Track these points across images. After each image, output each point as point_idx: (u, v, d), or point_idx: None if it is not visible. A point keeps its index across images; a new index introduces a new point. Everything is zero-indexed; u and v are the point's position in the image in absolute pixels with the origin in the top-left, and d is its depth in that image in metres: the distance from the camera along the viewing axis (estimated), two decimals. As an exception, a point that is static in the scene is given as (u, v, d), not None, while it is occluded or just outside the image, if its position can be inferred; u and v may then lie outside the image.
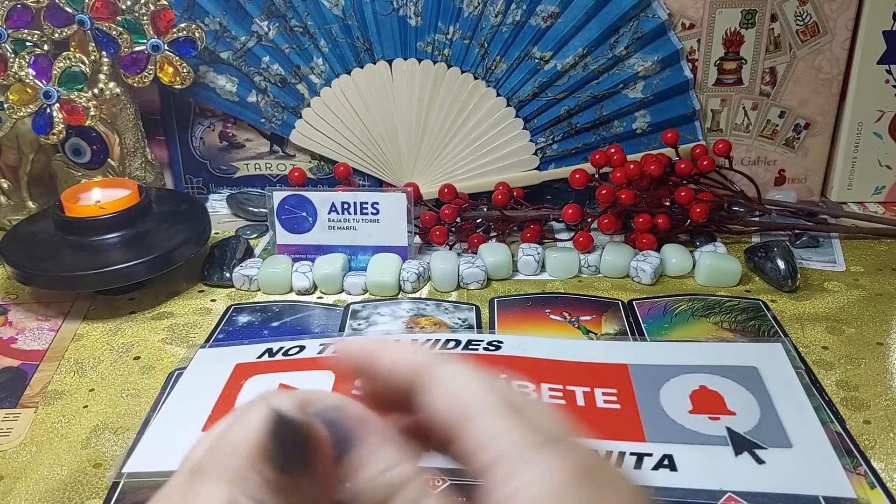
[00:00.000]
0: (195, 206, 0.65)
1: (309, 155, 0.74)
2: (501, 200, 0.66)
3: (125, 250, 0.59)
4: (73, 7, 0.66)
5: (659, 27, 0.67)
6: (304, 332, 0.56)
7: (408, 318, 0.57)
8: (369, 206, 0.62)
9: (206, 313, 0.59)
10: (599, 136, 0.71)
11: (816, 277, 0.62)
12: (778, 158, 0.73)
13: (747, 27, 0.68)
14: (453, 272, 0.61)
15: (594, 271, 0.63)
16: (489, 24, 0.67)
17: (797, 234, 0.67)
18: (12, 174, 0.74)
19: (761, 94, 0.70)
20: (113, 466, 0.44)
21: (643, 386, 0.48)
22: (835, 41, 0.68)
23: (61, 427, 0.48)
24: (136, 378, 0.52)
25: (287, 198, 0.62)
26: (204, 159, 0.75)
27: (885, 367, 0.51)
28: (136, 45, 0.67)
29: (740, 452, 0.42)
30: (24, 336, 0.57)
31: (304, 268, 0.62)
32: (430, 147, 0.71)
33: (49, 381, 0.52)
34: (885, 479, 0.41)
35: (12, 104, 0.67)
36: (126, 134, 0.71)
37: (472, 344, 0.52)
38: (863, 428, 0.45)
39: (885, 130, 0.71)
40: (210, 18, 0.69)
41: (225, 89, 0.71)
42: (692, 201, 0.63)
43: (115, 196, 0.61)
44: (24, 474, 0.44)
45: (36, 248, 0.60)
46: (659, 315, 0.57)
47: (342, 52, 0.69)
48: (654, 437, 0.44)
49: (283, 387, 0.49)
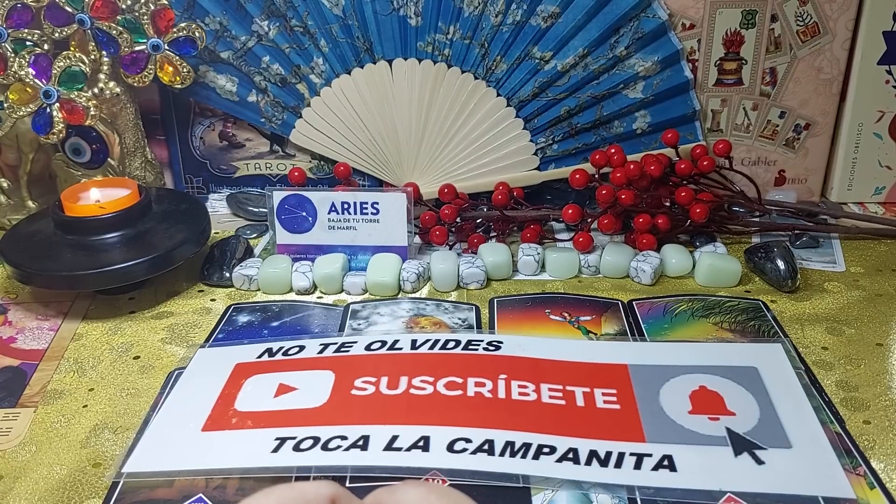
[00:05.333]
0: (195, 206, 0.65)
1: (309, 155, 0.74)
2: (501, 200, 0.66)
3: (125, 250, 0.59)
4: (73, 6, 0.66)
5: (659, 27, 0.67)
6: (304, 331, 0.56)
7: (407, 318, 0.57)
8: (369, 206, 0.62)
9: (205, 313, 0.59)
10: (599, 137, 0.71)
11: (816, 278, 0.62)
12: (778, 159, 0.73)
13: (747, 27, 0.68)
14: (453, 272, 0.61)
15: (594, 271, 0.63)
16: (489, 24, 0.67)
17: (797, 235, 0.67)
18: (12, 173, 0.74)
19: (761, 94, 0.70)
20: (112, 466, 0.44)
21: (643, 386, 0.48)
22: (835, 41, 0.68)
23: (61, 427, 0.48)
24: (135, 378, 0.52)
25: (287, 197, 0.62)
26: (204, 159, 0.75)
27: (884, 368, 0.51)
28: (137, 45, 0.67)
29: (740, 453, 0.42)
30: (24, 335, 0.57)
31: (304, 268, 0.62)
32: (430, 147, 0.71)
33: (49, 381, 0.52)
34: (885, 479, 0.41)
35: (12, 103, 0.67)
36: (126, 133, 0.71)
37: (472, 344, 0.52)
38: (862, 428, 0.45)
39: (885, 131, 0.71)
40: (210, 18, 0.69)
41: (225, 89, 0.71)
42: (692, 201, 0.63)
43: (115, 196, 0.61)
44: (24, 474, 0.44)
45: (36, 248, 0.60)
46: (659, 315, 0.57)
47: (342, 51, 0.69)
48: (654, 437, 0.44)
49: (283, 387, 0.49)
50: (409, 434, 0.44)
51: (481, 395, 0.47)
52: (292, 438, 0.44)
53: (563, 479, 0.41)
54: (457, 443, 0.43)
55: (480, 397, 0.47)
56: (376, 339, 0.53)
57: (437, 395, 0.47)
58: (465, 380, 0.48)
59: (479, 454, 0.42)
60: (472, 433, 0.44)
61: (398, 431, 0.44)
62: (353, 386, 0.49)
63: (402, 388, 0.48)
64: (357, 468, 0.42)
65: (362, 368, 0.50)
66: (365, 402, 0.47)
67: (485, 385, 0.48)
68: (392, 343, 0.53)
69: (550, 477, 0.41)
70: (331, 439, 0.44)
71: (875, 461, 0.42)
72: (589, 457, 0.42)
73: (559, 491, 0.41)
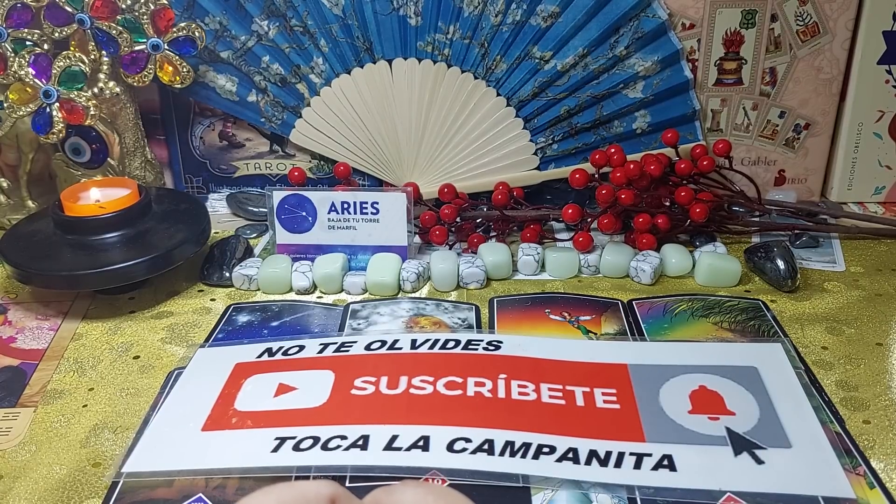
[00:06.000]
0: (195, 206, 0.65)
1: (309, 154, 0.74)
2: (501, 200, 0.66)
3: (125, 250, 0.59)
4: (72, 6, 0.66)
5: (659, 27, 0.67)
6: (304, 331, 0.56)
7: (407, 317, 0.57)
8: (369, 206, 0.62)
9: (205, 313, 0.59)
10: (599, 136, 0.71)
11: (816, 278, 0.62)
12: (778, 158, 0.73)
13: (747, 27, 0.68)
14: (453, 272, 0.61)
15: (594, 271, 0.63)
16: (489, 23, 0.67)
17: (797, 235, 0.67)
18: (12, 173, 0.74)
19: (761, 94, 0.70)
20: (112, 466, 0.44)
21: (643, 386, 0.48)
22: (835, 41, 0.68)
23: (60, 426, 0.48)
24: (135, 377, 0.52)
25: (287, 197, 0.62)
26: (204, 159, 0.75)
27: (884, 368, 0.51)
28: (136, 45, 0.67)
29: (740, 452, 0.42)
30: (24, 335, 0.57)
31: (304, 267, 0.62)
32: (430, 147, 0.71)
33: (48, 381, 0.52)
34: (885, 479, 0.41)
35: (12, 103, 0.67)
36: (126, 133, 0.71)
37: (472, 344, 0.52)
38: (862, 428, 0.45)
39: (885, 130, 0.71)
40: (210, 18, 0.69)
41: (225, 89, 0.71)
42: (692, 201, 0.63)
43: (115, 195, 0.61)
44: (24, 474, 0.44)
45: (35, 248, 0.60)
46: (659, 315, 0.57)
47: (342, 51, 0.69)
48: (654, 437, 0.44)
49: (283, 387, 0.49)
50: (409, 434, 0.44)
51: (481, 395, 0.47)
52: (292, 438, 0.44)
53: (562, 478, 0.41)
54: (456, 442, 0.43)
55: (480, 397, 0.47)
56: (376, 339, 0.53)
57: (436, 394, 0.47)
58: (465, 379, 0.48)
59: (479, 454, 0.42)
60: (471, 433, 0.44)
61: (398, 431, 0.44)
62: (353, 386, 0.49)
63: (402, 388, 0.48)
64: (357, 468, 0.42)
65: (362, 368, 0.50)
66: (365, 402, 0.47)
67: (485, 385, 0.48)
68: (392, 343, 0.53)
69: (550, 477, 0.41)
70: (330, 439, 0.44)
71: (875, 461, 0.42)
72: (589, 456, 0.42)
73: (559, 491, 0.41)
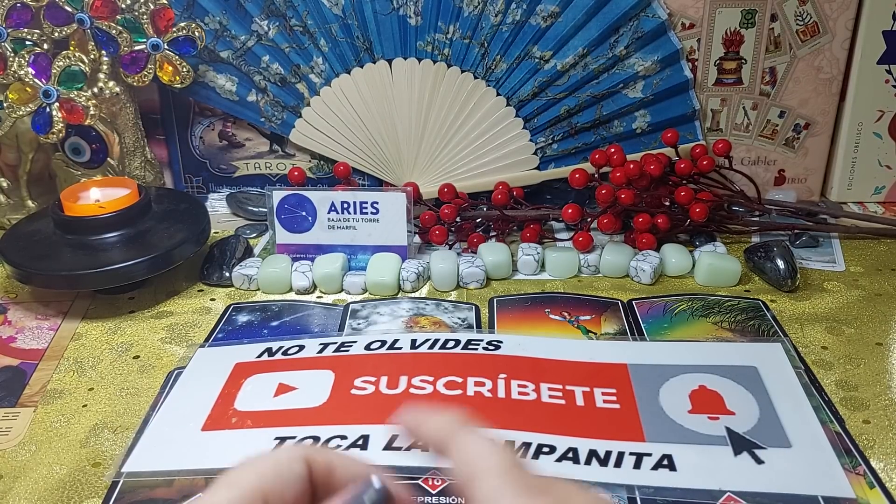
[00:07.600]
0: (195, 206, 0.65)
1: (309, 154, 0.74)
2: (501, 200, 0.66)
3: (124, 249, 0.59)
4: (72, 6, 0.66)
5: (659, 27, 0.67)
6: (304, 331, 0.56)
7: (407, 317, 0.57)
8: (369, 206, 0.62)
9: (205, 312, 0.59)
10: (599, 136, 0.71)
11: (816, 277, 0.62)
12: (778, 158, 0.73)
13: (747, 27, 0.68)
14: (453, 272, 0.61)
15: (594, 271, 0.63)
16: (489, 23, 0.67)
17: (797, 234, 0.67)
18: (12, 173, 0.74)
19: (761, 93, 0.70)
20: (112, 465, 0.44)
21: (643, 386, 0.48)
22: (835, 41, 0.68)
23: (60, 426, 0.48)
24: (135, 377, 0.52)
25: (287, 197, 0.62)
26: (203, 158, 0.75)
27: (884, 367, 0.51)
28: (136, 44, 0.67)
29: (739, 452, 0.42)
30: (24, 335, 0.57)
31: (304, 267, 0.62)
32: (430, 146, 0.71)
33: (48, 381, 0.52)
34: (884, 478, 0.41)
35: (12, 103, 0.67)
36: (126, 133, 0.71)
37: (472, 343, 0.52)
38: (862, 428, 0.45)
39: (885, 130, 0.71)
40: (210, 17, 0.69)
41: (225, 88, 0.71)
42: (692, 201, 0.63)
43: (115, 195, 0.61)
44: (24, 473, 0.44)
45: (35, 247, 0.60)
46: (658, 315, 0.57)
47: (342, 51, 0.69)
48: (654, 436, 0.44)
49: (283, 387, 0.49)
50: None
51: (481, 395, 0.47)
52: (292, 438, 0.44)
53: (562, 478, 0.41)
54: (456, 442, 0.43)
55: (480, 397, 0.47)
56: (376, 339, 0.53)
57: (436, 394, 0.47)
58: (465, 379, 0.48)
59: (479, 454, 0.42)
60: (471, 433, 0.44)
61: (398, 431, 0.44)
62: (353, 385, 0.49)
63: (402, 388, 0.48)
64: (357, 468, 0.42)
65: (362, 368, 0.50)
66: (365, 402, 0.47)
67: (484, 384, 0.48)
68: (392, 342, 0.53)
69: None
70: (330, 439, 0.44)
71: (875, 460, 0.42)
72: (588, 456, 0.42)
73: (559, 490, 0.41)
